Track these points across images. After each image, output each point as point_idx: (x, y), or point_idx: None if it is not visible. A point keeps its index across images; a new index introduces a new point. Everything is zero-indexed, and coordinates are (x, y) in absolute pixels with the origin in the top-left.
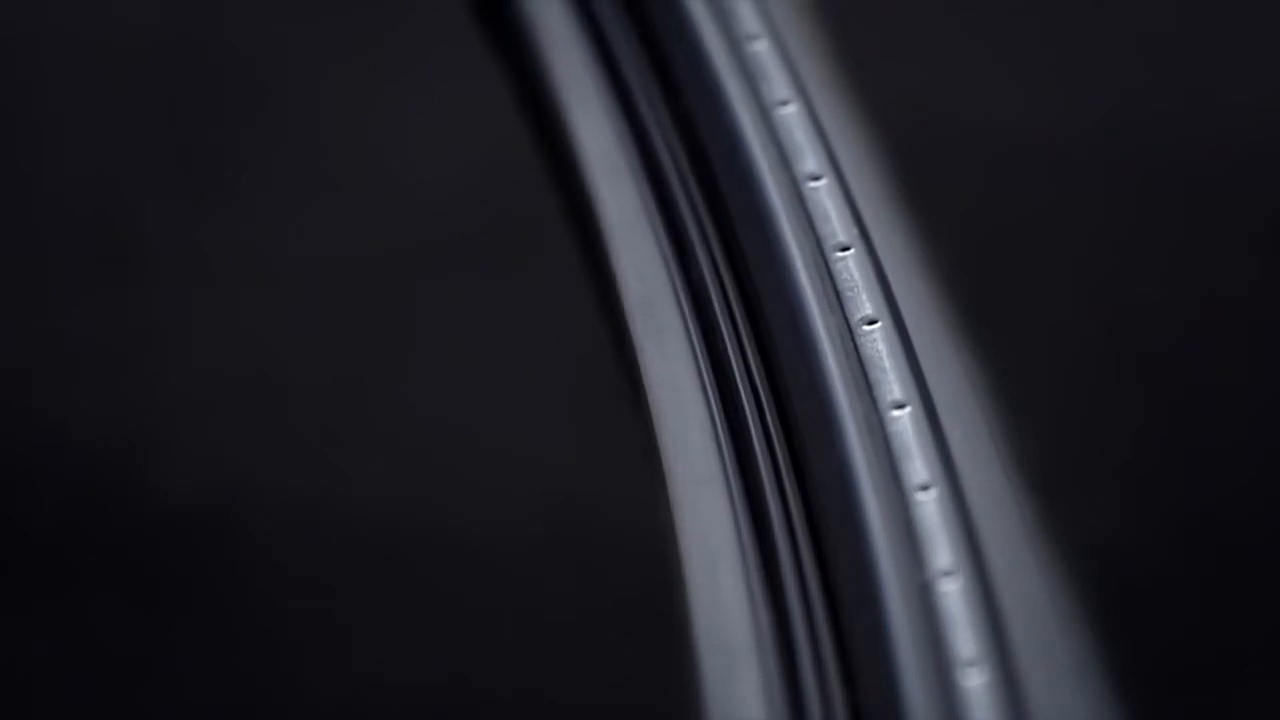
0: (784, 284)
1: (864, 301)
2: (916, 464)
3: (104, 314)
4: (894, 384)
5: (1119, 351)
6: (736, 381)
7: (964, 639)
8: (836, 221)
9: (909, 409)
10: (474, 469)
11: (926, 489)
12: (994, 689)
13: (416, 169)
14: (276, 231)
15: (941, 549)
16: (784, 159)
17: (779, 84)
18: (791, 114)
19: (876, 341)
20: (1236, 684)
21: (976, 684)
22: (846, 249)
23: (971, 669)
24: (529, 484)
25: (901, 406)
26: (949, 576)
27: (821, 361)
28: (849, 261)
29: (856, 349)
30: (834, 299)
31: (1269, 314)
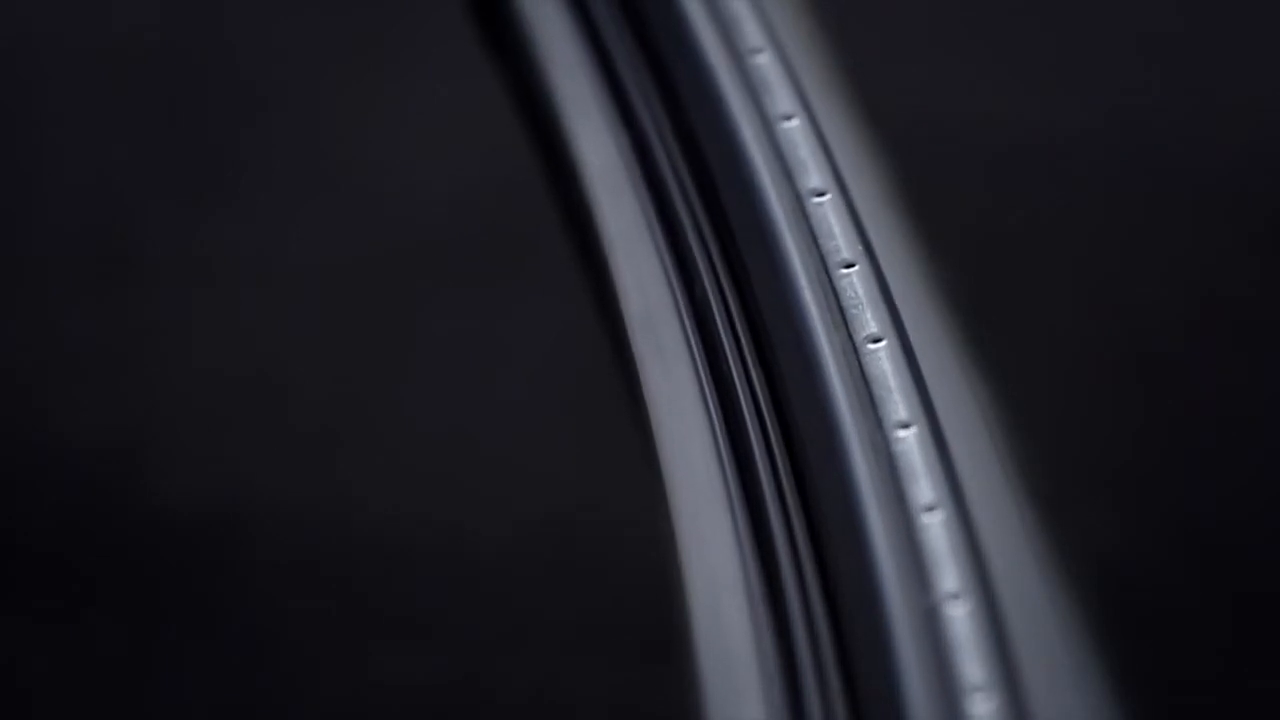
0: (788, 301)
1: (869, 319)
2: (922, 485)
3: (104, 315)
4: (899, 403)
5: (1119, 352)
6: (739, 400)
7: (971, 664)
8: (840, 237)
9: (914, 429)
10: (475, 475)
11: (932, 510)
12: (1001, 716)
13: (416, 169)
14: (276, 232)
15: (948, 572)
16: (787, 174)
17: (782, 98)
18: (795, 128)
19: (881, 360)
20: (1237, 685)
21: (984, 711)
22: (851, 265)
23: (979, 695)
24: (530, 490)
25: (907, 426)
26: (956, 600)
27: (825, 380)
28: (853, 278)
29: (861, 367)
30: (838, 316)
31: (1269, 314)
